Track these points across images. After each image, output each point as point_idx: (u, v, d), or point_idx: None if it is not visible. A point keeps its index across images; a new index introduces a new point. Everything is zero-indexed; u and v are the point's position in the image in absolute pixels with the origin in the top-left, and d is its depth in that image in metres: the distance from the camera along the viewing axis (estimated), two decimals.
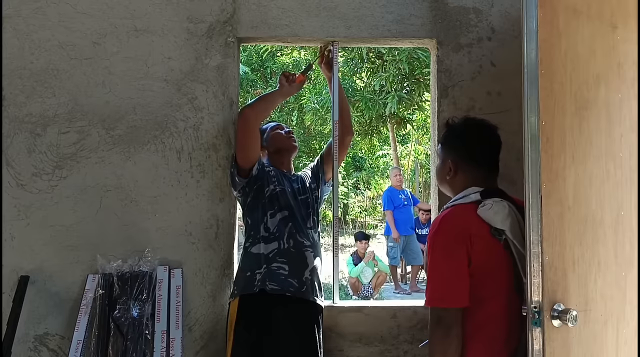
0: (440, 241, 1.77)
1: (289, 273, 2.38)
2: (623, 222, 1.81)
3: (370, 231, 19.03)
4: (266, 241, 2.42)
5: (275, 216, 2.45)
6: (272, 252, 2.40)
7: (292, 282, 2.37)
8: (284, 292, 2.35)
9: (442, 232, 1.78)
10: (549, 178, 1.65)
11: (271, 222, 2.44)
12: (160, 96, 2.58)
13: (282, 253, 2.40)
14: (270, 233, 2.43)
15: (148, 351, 2.33)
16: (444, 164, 1.96)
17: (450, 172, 1.93)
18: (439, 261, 1.76)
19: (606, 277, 1.76)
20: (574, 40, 1.76)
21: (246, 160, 2.47)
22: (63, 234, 2.53)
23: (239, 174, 2.48)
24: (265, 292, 2.33)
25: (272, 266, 2.38)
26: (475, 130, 1.97)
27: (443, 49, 2.66)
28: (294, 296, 2.36)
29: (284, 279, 2.37)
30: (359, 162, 18.52)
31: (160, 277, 2.47)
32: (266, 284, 2.34)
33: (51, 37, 2.58)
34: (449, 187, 1.97)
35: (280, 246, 2.41)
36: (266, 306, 2.34)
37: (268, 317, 2.33)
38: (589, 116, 1.77)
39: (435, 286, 1.75)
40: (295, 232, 2.45)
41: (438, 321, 1.71)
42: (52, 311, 2.50)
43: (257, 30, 2.63)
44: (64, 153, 2.55)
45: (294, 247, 2.43)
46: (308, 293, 2.40)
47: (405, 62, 7.83)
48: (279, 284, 2.35)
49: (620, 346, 1.77)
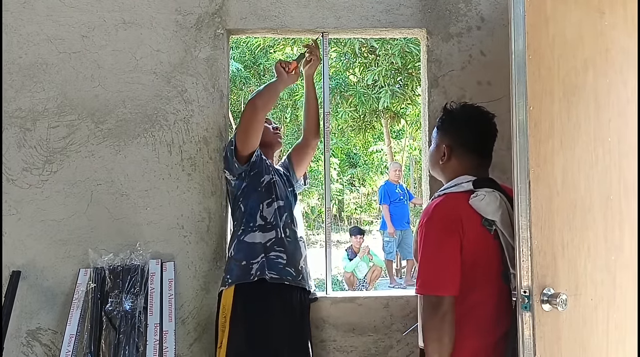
0: (433, 229, 1.77)
1: (286, 262, 2.39)
2: (612, 207, 1.82)
3: (365, 227, 19.07)
4: (263, 230, 2.41)
5: (272, 205, 2.45)
6: (270, 241, 2.40)
7: (289, 270, 2.39)
8: (282, 281, 2.36)
9: (435, 220, 1.78)
10: (537, 163, 1.65)
11: (267, 212, 2.43)
12: (150, 89, 2.57)
13: (279, 242, 2.41)
14: (267, 222, 2.42)
15: (141, 344, 2.33)
16: (438, 149, 1.95)
17: (443, 156, 1.92)
18: (432, 249, 1.75)
19: (596, 261, 1.76)
20: (562, 25, 1.76)
21: (248, 148, 2.44)
22: (54, 229, 2.52)
23: (238, 160, 2.45)
24: (265, 281, 2.33)
25: (270, 255, 2.38)
26: (473, 117, 1.96)
27: (433, 39, 2.66)
28: (291, 284, 2.38)
29: (282, 268, 2.38)
30: (353, 159, 18.50)
31: (153, 270, 2.46)
32: (265, 273, 2.34)
33: (39, 31, 2.57)
34: (441, 172, 1.96)
35: (277, 235, 2.41)
36: (265, 294, 2.34)
37: (269, 305, 2.34)
38: (578, 101, 1.77)
39: (428, 274, 1.75)
40: (290, 222, 2.47)
41: (433, 308, 1.71)
42: (44, 306, 2.49)
43: (246, 21, 2.62)
44: (53, 147, 2.54)
45: (290, 236, 2.44)
46: (303, 281, 2.44)
47: (398, 56, 7.81)
48: (277, 273, 2.36)
49: (610, 330, 1.77)
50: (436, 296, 1.71)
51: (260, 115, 2.43)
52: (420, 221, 1.83)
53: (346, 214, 21.33)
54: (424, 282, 1.75)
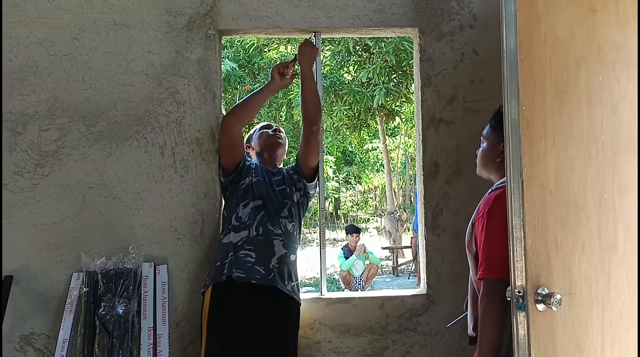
0: (495, 218, 1.79)
1: (255, 260, 2.36)
2: (606, 205, 1.81)
3: (362, 225, 19.07)
4: (236, 230, 2.42)
5: (248, 205, 2.47)
6: (241, 240, 2.40)
7: (258, 269, 2.35)
8: (249, 280, 2.33)
9: (496, 210, 1.79)
10: (530, 162, 1.64)
11: (243, 212, 2.45)
12: (141, 91, 2.55)
13: (250, 241, 2.40)
14: (241, 222, 2.44)
15: (135, 348, 2.31)
16: (494, 148, 1.97)
17: (501, 154, 1.92)
18: (495, 236, 1.76)
19: (590, 260, 1.75)
20: (553, 23, 1.75)
21: (228, 162, 2.54)
22: (46, 233, 2.50)
23: (223, 175, 2.54)
24: (234, 280, 2.32)
25: (239, 253, 2.37)
26: None
27: (425, 38, 2.65)
28: (260, 283, 2.34)
29: (250, 267, 2.35)
30: (349, 157, 18.50)
31: (146, 273, 2.45)
32: (232, 272, 2.33)
33: (29, 33, 2.54)
34: (495, 170, 1.97)
35: (249, 234, 2.41)
36: (234, 293, 2.32)
37: (237, 304, 2.31)
38: (570, 100, 1.77)
39: (491, 259, 1.77)
40: (267, 221, 2.45)
41: (493, 294, 1.74)
42: (37, 311, 2.47)
43: (237, 22, 2.61)
44: (45, 151, 2.52)
45: (262, 234, 2.42)
46: (275, 280, 2.36)
47: (392, 54, 7.80)
48: (245, 272, 2.34)
49: (605, 329, 1.77)
50: (499, 280, 1.72)
51: (232, 131, 2.51)
52: (480, 212, 1.86)
53: (342, 212, 21.35)
54: (488, 267, 1.77)
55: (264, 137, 2.72)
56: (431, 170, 2.63)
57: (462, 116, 2.62)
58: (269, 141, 2.70)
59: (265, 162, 2.67)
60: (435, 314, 2.58)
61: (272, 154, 2.69)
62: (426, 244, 2.62)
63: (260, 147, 2.71)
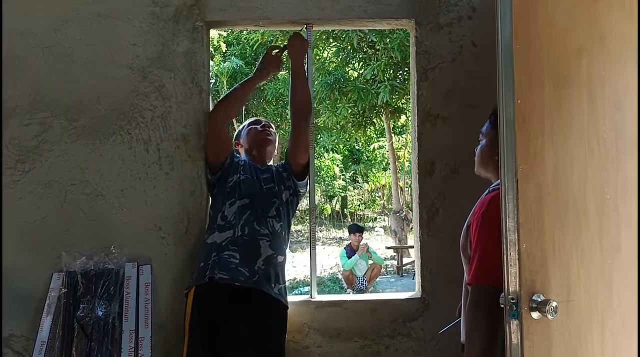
0: (490, 220, 1.71)
1: (239, 262, 2.27)
2: (608, 206, 1.70)
3: (369, 223, 18.97)
4: (221, 230, 2.34)
5: (234, 204, 2.39)
6: (226, 240, 2.32)
7: (242, 271, 2.26)
8: (232, 282, 2.24)
9: (494, 211, 1.70)
10: (525, 160, 1.54)
11: (229, 211, 2.38)
12: (126, 84, 2.47)
13: (234, 241, 2.31)
14: (226, 222, 2.36)
15: (115, 351, 2.22)
16: (493, 146, 1.86)
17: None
18: (491, 239, 1.68)
19: (590, 265, 1.64)
20: (551, 12, 1.64)
21: (214, 158, 2.47)
22: (27, 231, 2.42)
23: (210, 172, 2.47)
24: (214, 281, 2.23)
25: (223, 254, 2.29)
26: None
27: (422, 30, 2.54)
28: (244, 285, 2.24)
29: (234, 268, 2.26)
30: (356, 155, 18.41)
31: (128, 274, 2.36)
32: (215, 273, 2.24)
33: (11, 24, 2.46)
34: (494, 169, 1.89)
35: (234, 234, 2.33)
36: (216, 295, 2.23)
37: (219, 307, 2.23)
38: (570, 93, 1.65)
39: (483, 264, 1.71)
40: (253, 220, 2.36)
41: (482, 300, 1.68)
42: (17, 312, 2.39)
43: (225, 13, 2.51)
44: (26, 146, 2.44)
45: (247, 234, 2.33)
46: (260, 282, 2.27)
47: (397, 50, 7.69)
48: (228, 273, 2.25)
49: (606, 338, 1.66)
50: (488, 286, 1.66)
51: (217, 126, 2.47)
52: (475, 213, 1.79)
53: (349, 211, 21.25)
54: (478, 272, 1.71)
55: (252, 133, 2.62)
56: (427, 169, 2.52)
57: (460, 112, 2.51)
58: (258, 138, 2.61)
59: (254, 160, 2.59)
60: (430, 319, 2.47)
61: (261, 151, 2.60)
62: (421, 246, 2.52)
63: (249, 144, 2.63)
